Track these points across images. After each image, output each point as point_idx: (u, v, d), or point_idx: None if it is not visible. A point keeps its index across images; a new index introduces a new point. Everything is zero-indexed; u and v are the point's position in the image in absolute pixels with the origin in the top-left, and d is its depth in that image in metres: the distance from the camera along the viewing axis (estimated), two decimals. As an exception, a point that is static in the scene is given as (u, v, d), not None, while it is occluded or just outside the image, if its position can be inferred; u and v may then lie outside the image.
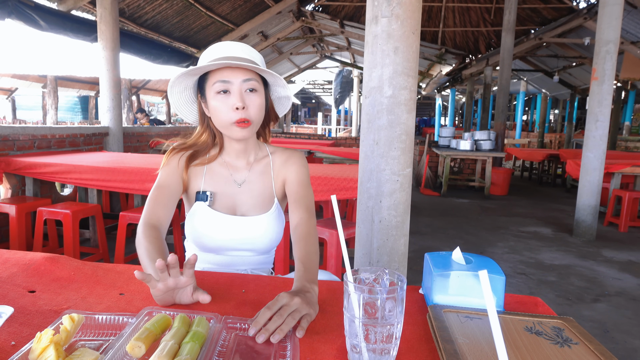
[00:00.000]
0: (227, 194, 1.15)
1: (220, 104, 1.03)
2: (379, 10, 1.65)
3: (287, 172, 1.18)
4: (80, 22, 4.78)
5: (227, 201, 1.15)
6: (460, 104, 21.60)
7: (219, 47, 1.08)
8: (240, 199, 1.16)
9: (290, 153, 1.21)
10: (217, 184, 1.15)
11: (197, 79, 1.11)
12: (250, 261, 1.17)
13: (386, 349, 0.59)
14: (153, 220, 1.03)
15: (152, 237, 0.96)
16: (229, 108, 1.03)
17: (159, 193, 1.09)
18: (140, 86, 12.51)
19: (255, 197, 1.16)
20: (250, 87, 1.04)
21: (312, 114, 30.59)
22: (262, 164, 1.19)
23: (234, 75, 1.03)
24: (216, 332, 0.64)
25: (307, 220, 1.08)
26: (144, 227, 1.00)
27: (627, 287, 3.13)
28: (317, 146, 5.70)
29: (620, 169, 4.84)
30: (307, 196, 1.14)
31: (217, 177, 1.16)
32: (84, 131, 4.24)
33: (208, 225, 1.11)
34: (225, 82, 1.03)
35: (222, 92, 1.03)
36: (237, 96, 1.02)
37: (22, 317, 0.72)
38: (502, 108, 7.40)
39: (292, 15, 8.33)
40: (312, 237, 1.03)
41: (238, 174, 1.17)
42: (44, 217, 2.87)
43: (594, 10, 7.09)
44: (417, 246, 3.94)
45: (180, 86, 1.10)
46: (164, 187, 1.10)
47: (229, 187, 1.15)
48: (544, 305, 0.83)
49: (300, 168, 1.18)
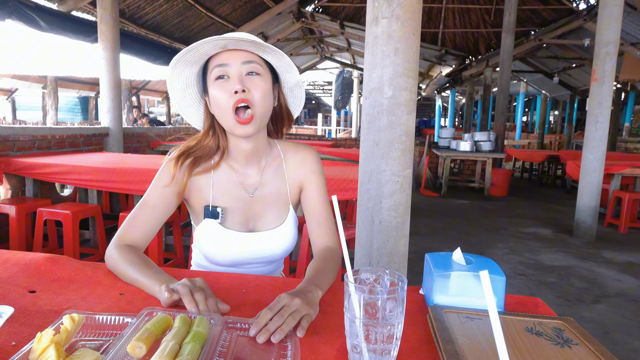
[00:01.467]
0: (238, 206, 1.05)
1: (220, 89, 0.94)
2: (380, 11, 1.66)
3: (304, 178, 1.10)
4: (80, 23, 4.78)
5: (239, 216, 1.05)
6: (460, 105, 21.61)
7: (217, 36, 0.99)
8: (253, 210, 1.06)
9: (304, 153, 1.11)
10: (227, 197, 1.05)
11: (200, 74, 1.02)
12: (262, 271, 1.12)
13: (387, 350, 0.59)
14: (126, 242, 0.96)
15: (128, 251, 0.91)
16: (228, 94, 0.93)
17: (139, 214, 0.99)
18: (141, 87, 12.51)
19: (270, 206, 1.07)
20: (251, 69, 0.95)
21: (312, 114, 30.58)
22: (274, 166, 1.09)
23: (233, 57, 0.94)
24: (217, 333, 0.64)
25: (333, 250, 1.03)
26: (116, 247, 0.93)
27: (627, 288, 3.13)
28: (317, 147, 5.70)
29: (620, 170, 4.84)
30: (330, 218, 1.08)
31: (226, 187, 1.05)
32: (84, 132, 4.24)
33: (220, 244, 1.03)
34: (224, 66, 0.94)
35: (220, 77, 0.95)
36: (236, 79, 0.93)
37: (23, 317, 0.72)
38: (502, 109, 7.40)
39: (292, 16, 8.34)
40: (334, 262, 0.99)
41: (248, 180, 1.07)
42: (44, 217, 2.87)
43: (594, 11, 7.09)
44: (417, 247, 3.94)
45: (181, 81, 1.01)
46: (146, 208, 0.99)
47: (239, 199, 1.05)
48: (544, 305, 0.83)
49: (319, 178, 1.10)
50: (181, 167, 1.01)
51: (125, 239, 0.96)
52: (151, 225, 1.00)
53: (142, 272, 0.85)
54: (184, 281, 0.77)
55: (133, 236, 0.97)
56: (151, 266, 0.88)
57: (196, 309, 0.72)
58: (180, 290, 0.75)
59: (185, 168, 1.02)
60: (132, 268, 0.87)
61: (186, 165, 1.02)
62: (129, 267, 0.87)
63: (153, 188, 1.02)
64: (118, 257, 0.90)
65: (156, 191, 1.01)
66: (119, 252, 0.91)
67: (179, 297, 0.75)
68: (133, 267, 0.87)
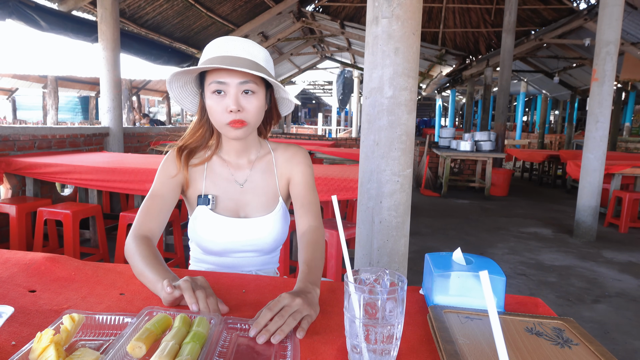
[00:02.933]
0: (229, 195, 1.12)
1: (215, 104, 1.00)
2: (380, 11, 1.65)
3: (292, 171, 1.15)
4: (80, 23, 4.78)
5: (230, 203, 1.12)
6: (461, 104, 21.60)
7: (221, 43, 1.03)
8: (244, 199, 1.12)
9: (293, 151, 1.18)
10: (219, 186, 1.12)
11: (197, 76, 1.08)
12: (255, 262, 1.15)
13: (387, 350, 0.59)
14: (144, 231, 1.00)
15: (144, 245, 0.94)
16: (222, 109, 1.00)
17: (152, 203, 1.05)
18: (141, 86, 12.52)
19: (259, 196, 1.13)
20: (247, 88, 1.00)
21: (313, 114, 30.58)
22: (264, 161, 1.16)
23: (231, 76, 0.98)
24: (217, 333, 0.64)
25: (316, 228, 1.07)
26: (135, 238, 0.97)
27: (627, 288, 3.13)
28: (318, 147, 5.70)
29: (621, 170, 4.84)
30: (314, 201, 1.12)
31: (218, 178, 1.12)
32: (85, 131, 4.24)
33: (211, 230, 1.09)
34: (221, 83, 0.99)
35: (217, 92, 1.00)
36: (232, 98, 0.98)
37: (23, 317, 0.72)
38: (502, 109, 7.40)
39: (293, 15, 8.34)
40: (319, 244, 1.02)
41: (239, 172, 1.14)
42: (44, 217, 2.87)
43: (594, 11, 7.09)
44: (418, 247, 3.94)
45: (179, 82, 1.06)
46: (157, 197, 1.06)
47: (230, 188, 1.12)
48: (544, 306, 0.82)
49: (306, 168, 1.15)
50: (181, 159, 1.09)
51: (142, 229, 1.00)
52: (164, 214, 1.06)
53: (149, 266, 0.87)
54: (185, 278, 0.78)
55: (150, 225, 1.02)
56: (159, 263, 0.89)
57: (196, 305, 0.72)
58: (182, 285, 0.75)
59: (182, 162, 1.09)
60: (142, 261, 0.89)
61: (184, 158, 1.10)
62: (140, 259, 0.90)
63: (159, 179, 1.09)
64: (134, 248, 0.94)
65: (163, 182, 1.08)
66: (136, 243, 0.95)
67: (180, 294, 0.76)
68: (144, 259, 0.89)
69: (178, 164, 1.09)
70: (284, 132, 11.39)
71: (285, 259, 2.47)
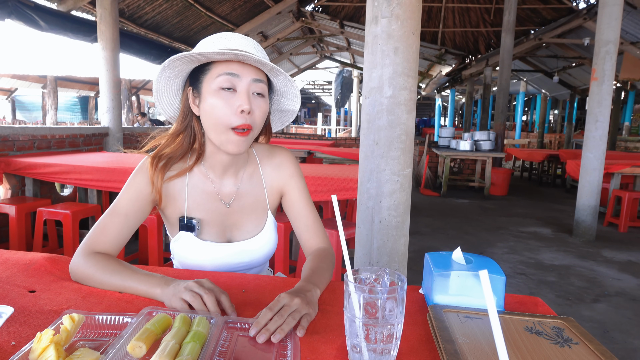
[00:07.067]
0: (214, 217, 1.00)
1: (223, 102, 0.86)
2: (379, 10, 1.65)
3: (284, 185, 1.06)
4: (80, 23, 4.78)
5: (216, 227, 1.00)
6: (460, 104, 21.61)
7: (226, 37, 0.90)
8: (230, 220, 1.02)
9: (280, 158, 1.07)
10: (203, 207, 0.99)
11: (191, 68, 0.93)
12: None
13: (386, 349, 0.59)
14: (95, 251, 0.89)
15: (103, 257, 0.86)
16: (232, 109, 0.86)
17: (110, 222, 0.92)
18: (140, 86, 12.51)
19: (248, 215, 1.03)
20: (259, 90, 0.89)
21: (312, 114, 30.57)
22: (251, 175, 1.05)
23: (245, 71, 0.87)
24: (217, 332, 0.64)
25: (326, 250, 1.02)
26: (87, 255, 0.87)
27: (627, 287, 3.13)
28: (317, 146, 5.70)
29: (620, 169, 4.84)
30: (317, 219, 1.06)
31: (201, 196, 0.99)
32: (84, 131, 4.24)
33: (197, 256, 0.99)
34: (234, 76, 0.86)
35: (227, 88, 0.87)
36: (244, 97, 0.86)
37: (22, 317, 0.72)
38: (501, 108, 7.40)
39: (292, 15, 8.34)
40: (329, 261, 0.98)
41: (225, 190, 1.01)
42: (43, 217, 2.87)
43: (594, 10, 7.09)
44: (417, 246, 3.94)
45: (173, 72, 0.91)
46: (119, 216, 0.92)
47: (216, 209, 1.00)
48: (544, 305, 0.83)
49: (299, 180, 1.07)
50: (155, 171, 0.94)
51: (94, 248, 0.89)
52: (123, 235, 0.93)
53: (132, 278, 0.82)
54: (191, 286, 0.75)
55: (103, 246, 0.90)
56: (137, 270, 0.84)
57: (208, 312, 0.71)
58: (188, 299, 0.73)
59: (158, 172, 0.94)
60: (116, 275, 0.82)
61: (159, 169, 0.95)
62: (111, 275, 0.82)
63: (126, 194, 0.94)
64: (92, 266, 0.84)
65: (130, 198, 0.94)
66: (92, 260, 0.85)
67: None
68: (118, 274, 0.82)
69: (152, 176, 0.94)
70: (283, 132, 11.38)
71: (285, 259, 2.47)
